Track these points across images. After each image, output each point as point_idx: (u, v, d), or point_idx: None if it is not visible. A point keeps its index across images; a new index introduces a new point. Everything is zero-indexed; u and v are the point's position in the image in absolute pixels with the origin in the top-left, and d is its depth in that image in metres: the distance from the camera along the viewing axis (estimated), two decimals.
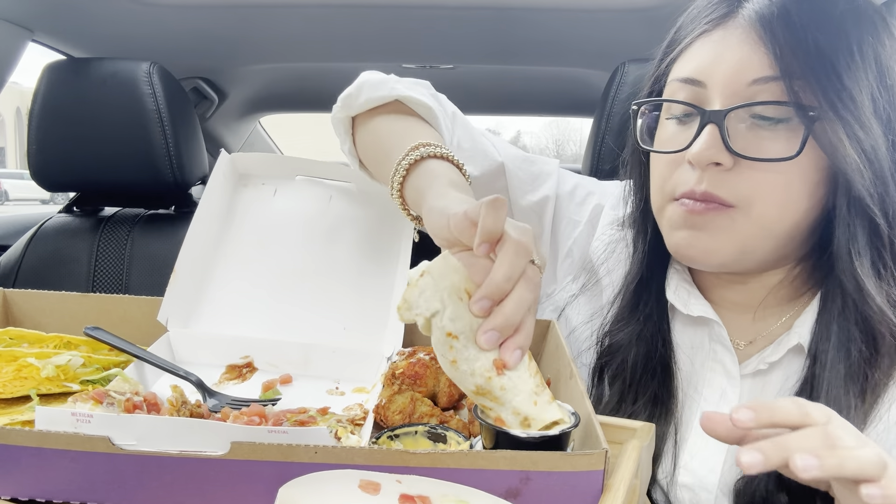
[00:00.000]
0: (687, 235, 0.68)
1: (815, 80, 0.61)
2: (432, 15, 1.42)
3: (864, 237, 0.63)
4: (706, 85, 0.66)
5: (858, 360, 0.64)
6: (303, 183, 0.90)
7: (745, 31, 0.65)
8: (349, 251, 0.86)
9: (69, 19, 1.43)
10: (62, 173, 1.36)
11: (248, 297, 0.83)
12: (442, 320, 0.50)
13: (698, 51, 0.68)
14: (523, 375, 0.51)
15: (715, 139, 0.64)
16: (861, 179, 0.61)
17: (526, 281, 0.51)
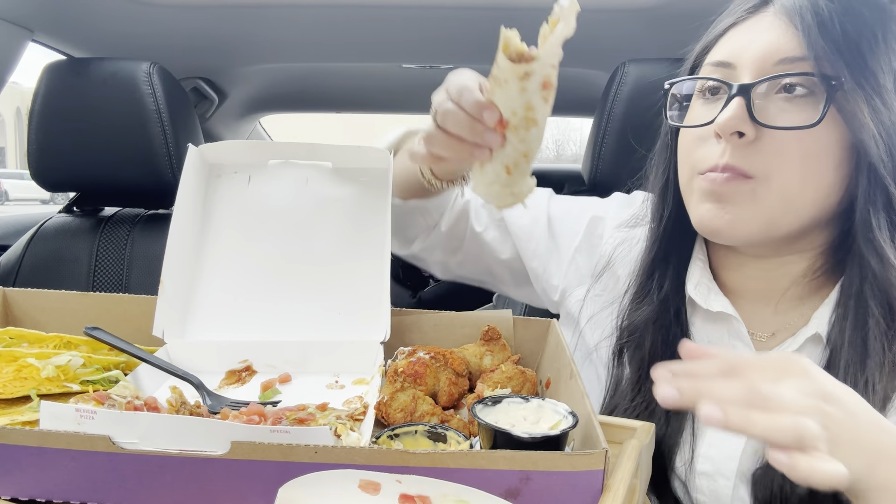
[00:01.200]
0: (711, 208, 0.70)
1: (840, 57, 0.64)
2: (432, 15, 1.42)
3: (883, 208, 0.66)
4: (735, 66, 0.69)
5: (876, 333, 0.66)
6: (277, 167, 0.88)
7: (775, 16, 0.68)
8: (332, 233, 0.85)
9: (69, 19, 1.43)
10: (62, 173, 1.36)
11: (238, 296, 0.83)
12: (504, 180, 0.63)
13: (731, 38, 0.72)
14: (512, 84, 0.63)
15: (741, 109, 0.66)
16: (876, 148, 0.64)
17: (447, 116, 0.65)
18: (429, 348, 0.74)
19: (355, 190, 0.87)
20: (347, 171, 0.87)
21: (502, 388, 0.69)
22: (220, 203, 0.86)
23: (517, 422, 0.56)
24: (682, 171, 0.75)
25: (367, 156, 0.86)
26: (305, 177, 0.87)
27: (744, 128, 0.66)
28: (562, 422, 0.54)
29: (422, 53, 1.77)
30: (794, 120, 0.65)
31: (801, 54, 0.65)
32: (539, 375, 0.76)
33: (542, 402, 0.57)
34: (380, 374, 0.71)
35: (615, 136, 1.20)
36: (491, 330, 0.79)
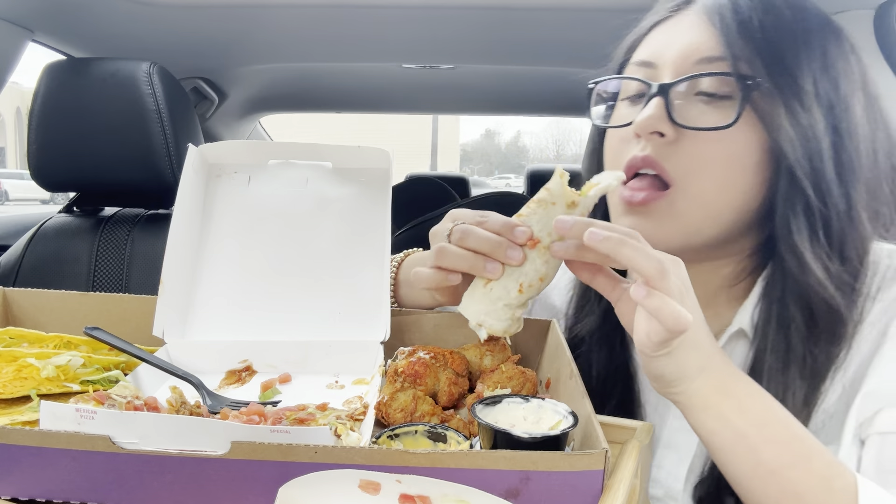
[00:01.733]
0: (631, 222, 0.70)
1: (759, 58, 0.64)
2: (432, 15, 1.42)
3: (802, 213, 0.65)
4: (657, 66, 0.70)
5: (798, 338, 0.66)
6: (276, 167, 0.88)
7: (696, 17, 0.69)
8: (332, 233, 0.85)
9: (69, 19, 1.43)
10: (62, 173, 1.36)
11: (238, 296, 0.83)
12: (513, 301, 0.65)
13: (654, 37, 0.73)
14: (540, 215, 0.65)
15: (659, 109, 0.66)
16: (793, 151, 0.63)
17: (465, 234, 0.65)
18: (429, 348, 0.74)
19: (355, 190, 0.87)
20: (347, 171, 0.87)
21: (502, 388, 0.69)
22: (220, 203, 0.86)
23: (517, 422, 0.56)
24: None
25: (366, 156, 0.86)
26: (305, 177, 0.87)
27: (662, 128, 0.66)
28: (562, 422, 0.54)
29: (422, 53, 1.78)
30: (712, 121, 0.65)
31: (720, 54, 0.65)
32: (539, 375, 0.76)
33: (542, 402, 0.57)
34: (380, 374, 0.71)
35: None
36: None
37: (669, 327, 0.53)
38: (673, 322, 0.53)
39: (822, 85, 0.65)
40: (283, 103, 2.60)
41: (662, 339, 0.55)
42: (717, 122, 0.65)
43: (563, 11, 1.34)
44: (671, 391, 0.60)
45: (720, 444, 0.58)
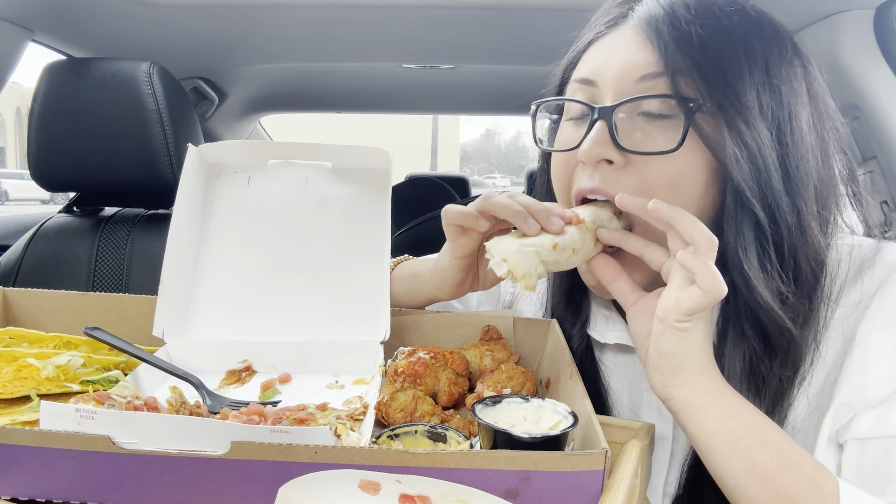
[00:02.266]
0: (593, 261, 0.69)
1: (699, 74, 0.63)
2: (432, 15, 1.42)
3: (749, 232, 0.64)
4: (598, 84, 0.68)
5: (752, 357, 0.65)
6: (276, 167, 0.88)
7: (634, 31, 0.67)
8: (332, 233, 0.85)
9: (69, 19, 1.43)
10: (62, 173, 1.36)
11: (238, 296, 0.83)
12: (542, 250, 0.65)
13: (593, 53, 0.71)
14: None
15: (603, 135, 0.65)
16: (739, 171, 0.62)
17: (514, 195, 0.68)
18: (429, 348, 0.74)
19: (355, 190, 0.87)
20: (347, 170, 0.87)
21: (502, 388, 0.69)
22: (219, 203, 0.86)
23: (517, 422, 0.56)
24: (559, 197, 0.75)
25: (366, 156, 0.86)
26: (305, 177, 0.87)
27: (609, 154, 0.65)
28: (562, 422, 0.54)
29: (422, 53, 1.78)
30: (657, 143, 0.64)
31: (660, 70, 0.64)
32: (539, 375, 0.76)
33: (542, 402, 0.57)
34: (380, 374, 0.71)
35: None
36: (491, 330, 0.79)
37: (708, 288, 0.55)
38: (712, 283, 0.55)
39: (765, 97, 0.63)
40: (283, 103, 2.60)
41: (693, 304, 0.56)
42: (662, 143, 0.64)
43: (563, 11, 1.34)
44: (673, 383, 0.60)
45: (716, 446, 0.58)
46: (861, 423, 0.63)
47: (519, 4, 1.34)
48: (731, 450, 0.58)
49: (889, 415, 0.62)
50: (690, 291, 0.56)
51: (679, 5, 0.65)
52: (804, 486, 0.55)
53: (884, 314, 0.64)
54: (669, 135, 0.64)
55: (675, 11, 0.65)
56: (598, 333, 0.79)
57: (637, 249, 0.64)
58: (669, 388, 0.61)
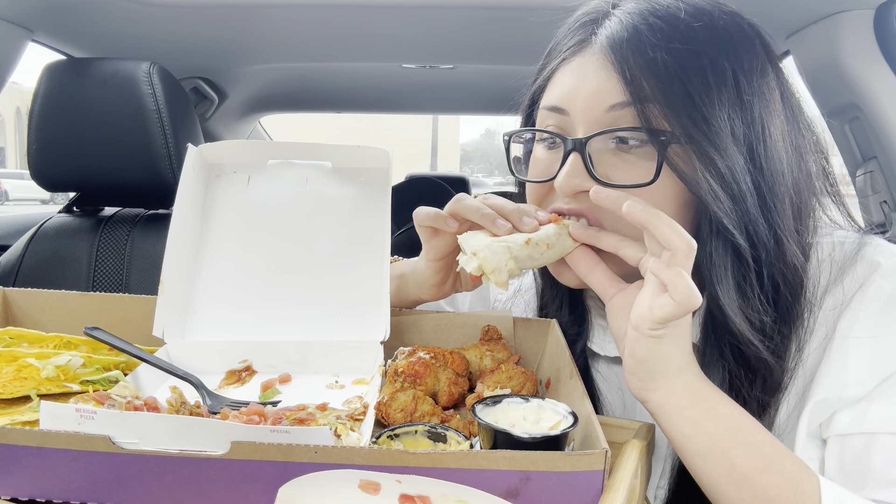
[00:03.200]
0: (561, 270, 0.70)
1: (667, 103, 0.61)
2: (432, 15, 1.42)
3: (726, 260, 0.63)
4: (569, 112, 0.67)
5: (731, 378, 0.65)
6: (276, 167, 0.88)
7: (599, 57, 0.66)
8: (332, 233, 0.85)
9: (69, 19, 1.43)
10: (62, 173, 1.36)
11: (238, 296, 0.83)
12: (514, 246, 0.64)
13: (560, 79, 0.70)
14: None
15: (578, 167, 0.65)
16: (715, 202, 0.61)
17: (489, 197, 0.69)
18: (429, 348, 0.74)
19: (355, 190, 0.87)
20: (347, 170, 0.87)
21: (502, 388, 0.69)
22: (219, 203, 0.86)
23: (517, 422, 0.56)
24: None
25: (366, 156, 0.86)
26: (305, 176, 0.87)
27: (585, 186, 0.64)
28: (562, 422, 0.54)
29: (422, 53, 1.78)
30: (631, 175, 0.64)
31: (627, 99, 0.63)
32: (539, 375, 0.76)
33: (542, 402, 0.57)
34: (380, 374, 0.71)
35: None
36: (491, 330, 0.79)
37: (680, 300, 0.53)
38: (685, 296, 0.53)
39: (736, 118, 0.62)
40: (283, 103, 2.60)
41: (666, 314, 0.55)
42: (636, 173, 0.63)
43: (563, 12, 1.34)
44: (648, 387, 0.60)
45: (694, 448, 0.58)
46: (841, 419, 0.63)
47: (519, 4, 1.34)
48: (709, 451, 0.57)
49: (868, 412, 0.62)
50: (663, 301, 0.55)
51: (643, 27, 0.63)
52: (784, 486, 0.55)
53: (864, 311, 0.64)
54: (643, 164, 0.64)
55: (639, 35, 0.63)
56: (597, 346, 0.79)
57: (612, 246, 0.63)
58: (645, 391, 0.60)
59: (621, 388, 0.79)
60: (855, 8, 1.23)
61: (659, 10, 0.64)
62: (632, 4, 0.66)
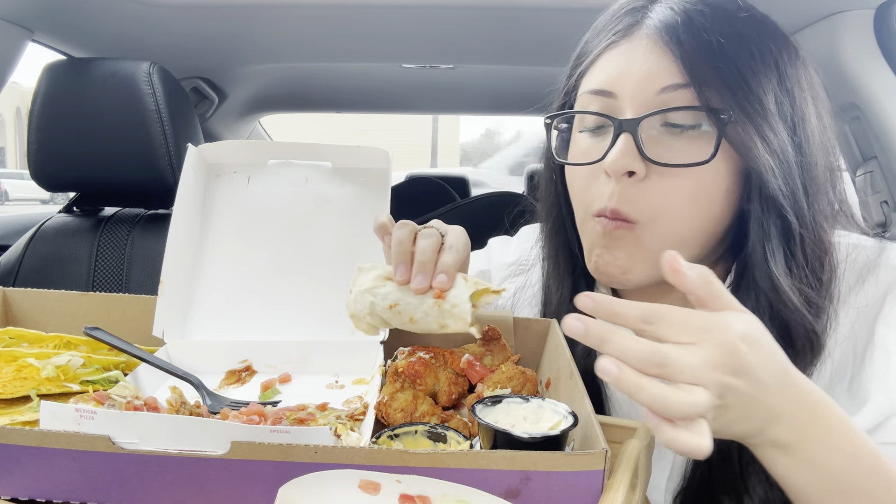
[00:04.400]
0: (603, 253, 0.69)
1: (724, 84, 0.62)
2: (432, 15, 1.42)
3: (777, 236, 0.64)
4: (616, 95, 0.67)
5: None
6: (276, 167, 0.88)
7: (651, 40, 0.66)
8: (332, 233, 0.85)
9: (69, 19, 1.43)
10: (62, 173, 1.36)
11: (238, 296, 0.83)
12: (380, 303, 0.64)
13: (607, 62, 0.69)
14: (459, 286, 0.64)
15: (629, 147, 0.64)
16: (774, 179, 0.62)
17: (422, 237, 0.65)
18: (429, 348, 0.74)
19: (354, 190, 0.87)
20: (347, 171, 0.87)
21: (502, 388, 0.69)
22: (219, 203, 0.86)
23: (517, 422, 0.56)
24: (577, 209, 0.74)
25: (366, 156, 0.86)
26: (305, 177, 0.87)
27: (635, 166, 0.64)
28: (562, 422, 0.54)
29: (422, 53, 1.78)
30: (684, 155, 0.64)
31: (684, 80, 0.63)
32: (539, 375, 0.76)
33: (542, 402, 0.57)
34: (380, 374, 0.71)
35: None
36: (491, 330, 0.79)
37: (685, 454, 0.45)
38: (688, 454, 0.45)
39: (782, 101, 0.64)
40: (283, 103, 2.60)
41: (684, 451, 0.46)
42: (688, 154, 0.63)
43: (563, 12, 1.34)
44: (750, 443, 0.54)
45: (805, 489, 0.53)
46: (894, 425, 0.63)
47: (519, 4, 1.34)
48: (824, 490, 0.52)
49: None
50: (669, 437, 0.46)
51: (694, 12, 0.65)
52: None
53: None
54: (696, 145, 0.64)
55: (691, 19, 0.64)
56: None
57: (628, 389, 0.46)
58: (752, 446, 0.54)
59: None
60: (855, 8, 1.23)
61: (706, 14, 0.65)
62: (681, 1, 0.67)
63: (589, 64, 0.72)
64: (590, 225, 0.70)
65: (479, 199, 2.18)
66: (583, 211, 0.72)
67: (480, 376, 0.72)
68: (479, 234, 1.23)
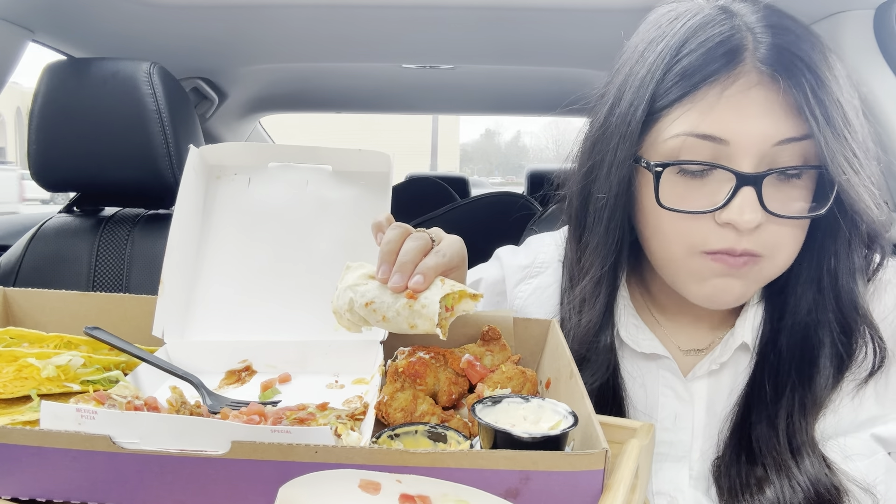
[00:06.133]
0: (722, 284, 0.70)
1: (837, 135, 0.63)
2: (432, 15, 1.42)
3: (856, 248, 0.70)
4: (730, 143, 0.65)
5: (802, 365, 0.70)
6: (277, 170, 0.88)
7: (762, 83, 0.64)
8: (332, 235, 0.85)
9: (69, 19, 1.43)
10: (62, 173, 1.36)
11: (238, 297, 0.83)
12: (358, 300, 0.65)
13: (714, 105, 0.65)
14: (435, 288, 0.64)
15: (753, 202, 0.65)
16: (868, 214, 0.65)
17: (410, 239, 0.67)
18: (429, 348, 0.74)
19: (355, 193, 0.87)
20: (347, 174, 0.88)
21: (502, 388, 0.69)
22: (220, 204, 0.86)
23: (517, 422, 0.56)
24: (674, 246, 0.71)
25: (367, 159, 0.86)
26: (305, 179, 0.88)
27: (759, 220, 0.65)
28: (562, 422, 0.54)
29: (422, 53, 1.78)
30: (799, 206, 0.67)
31: (800, 134, 0.64)
32: (539, 375, 0.76)
33: (542, 402, 0.58)
34: (379, 374, 0.71)
35: None
36: (491, 330, 0.79)
37: None
38: None
39: (866, 133, 0.67)
40: (284, 103, 2.60)
41: None
42: (802, 204, 0.67)
43: (563, 11, 1.34)
44: None
45: None
46: None
47: (519, 4, 1.34)
48: None
49: None
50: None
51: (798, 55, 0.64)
52: None
53: None
54: (805, 194, 0.67)
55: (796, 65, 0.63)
56: (632, 340, 0.80)
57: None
58: None
59: (644, 383, 0.80)
60: (855, 8, 1.23)
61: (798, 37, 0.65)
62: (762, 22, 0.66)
63: (683, 102, 0.66)
64: (700, 260, 0.69)
65: (479, 199, 2.18)
66: (685, 248, 0.70)
67: (480, 376, 0.72)
68: (479, 233, 1.23)
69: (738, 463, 0.71)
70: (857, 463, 0.69)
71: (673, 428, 0.77)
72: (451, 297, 0.66)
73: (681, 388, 0.78)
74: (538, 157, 49.30)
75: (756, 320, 0.76)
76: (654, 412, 0.78)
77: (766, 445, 0.70)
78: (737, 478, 0.71)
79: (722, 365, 0.77)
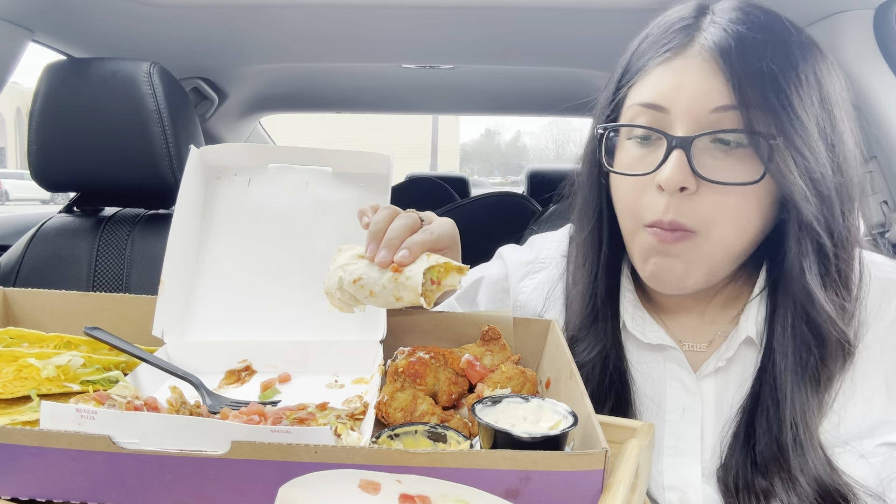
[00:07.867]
0: (660, 262, 0.72)
1: (770, 109, 0.65)
2: (432, 15, 1.42)
3: (813, 252, 0.68)
4: (668, 110, 0.69)
5: (809, 359, 0.70)
6: (277, 171, 0.88)
7: (704, 59, 0.68)
8: (332, 235, 0.85)
9: (69, 19, 1.43)
10: (62, 173, 1.36)
11: (238, 297, 0.83)
12: (347, 278, 0.67)
13: (659, 77, 0.71)
14: (420, 261, 0.67)
15: (682, 164, 0.67)
16: (808, 206, 0.65)
17: (399, 218, 0.70)
18: (429, 348, 0.74)
19: (355, 194, 0.87)
20: (347, 175, 0.88)
21: (502, 388, 0.69)
22: (220, 205, 0.86)
23: (517, 422, 0.56)
24: (624, 218, 0.76)
25: (366, 161, 0.87)
26: (305, 181, 0.88)
27: (688, 183, 0.67)
28: (562, 422, 0.54)
29: (422, 53, 1.78)
30: (733, 174, 0.67)
31: (733, 102, 0.66)
32: (539, 375, 0.76)
33: (542, 402, 0.58)
34: (379, 374, 0.71)
35: None
36: (491, 330, 0.79)
37: None
38: None
39: (824, 124, 0.67)
40: (284, 103, 2.60)
41: None
42: (736, 172, 0.67)
43: (563, 11, 1.34)
44: None
45: None
46: None
47: (519, 4, 1.34)
48: None
49: None
50: None
51: (746, 36, 0.66)
52: None
53: None
54: (743, 165, 0.67)
55: (744, 44, 0.66)
56: (638, 331, 0.80)
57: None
58: None
59: (651, 375, 0.80)
60: (855, 8, 1.23)
61: (758, 22, 0.68)
62: (730, 13, 0.69)
63: (639, 77, 0.73)
64: (642, 235, 0.72)
65: (479, 199, 2.18)
66: (632, 221, 0.74)
67: (480, 376, 0.72)
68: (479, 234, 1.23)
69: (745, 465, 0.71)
70: (866, 470, 0.68)
71: (681, 420, 0.77)
72: (436, 269, 0.67)
73: (688, 380, 0.78)
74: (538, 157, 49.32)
75: (760, 314, 0.75)
76: (661, 404, 0.78)
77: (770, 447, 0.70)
78: (742, 480, 0.71)
79: (728, 361, 0.77)
